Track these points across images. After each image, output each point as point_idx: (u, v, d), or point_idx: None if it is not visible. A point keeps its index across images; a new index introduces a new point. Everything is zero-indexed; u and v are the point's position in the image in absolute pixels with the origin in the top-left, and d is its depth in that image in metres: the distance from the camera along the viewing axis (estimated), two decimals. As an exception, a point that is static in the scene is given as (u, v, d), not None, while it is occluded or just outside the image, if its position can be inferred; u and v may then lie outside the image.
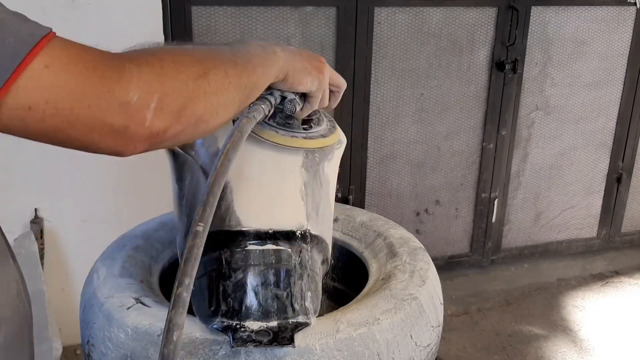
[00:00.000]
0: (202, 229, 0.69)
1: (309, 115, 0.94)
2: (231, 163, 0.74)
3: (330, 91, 0.93)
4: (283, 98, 0.87)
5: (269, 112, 0.84)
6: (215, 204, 0.71)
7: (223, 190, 0.91)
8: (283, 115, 0.90)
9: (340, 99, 0.97)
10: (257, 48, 0.79)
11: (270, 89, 0.83)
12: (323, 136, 0.96)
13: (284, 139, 0.92)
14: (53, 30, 0.59)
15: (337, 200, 1.10)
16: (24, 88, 0.56)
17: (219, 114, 0.71)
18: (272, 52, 0.80)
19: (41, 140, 0.62)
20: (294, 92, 0.87)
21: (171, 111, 0.64)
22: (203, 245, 0.69)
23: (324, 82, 0.89)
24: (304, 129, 0.94)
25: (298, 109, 0.88)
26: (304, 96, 0.89)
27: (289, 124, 0.92)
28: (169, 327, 0.65)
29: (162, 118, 0.63)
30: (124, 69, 0.61)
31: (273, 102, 0.85)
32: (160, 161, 1.09)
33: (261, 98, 0.83)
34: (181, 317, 0.65)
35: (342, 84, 0.95)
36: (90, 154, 0.67)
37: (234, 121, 0.81)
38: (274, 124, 0.92)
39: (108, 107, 0.60)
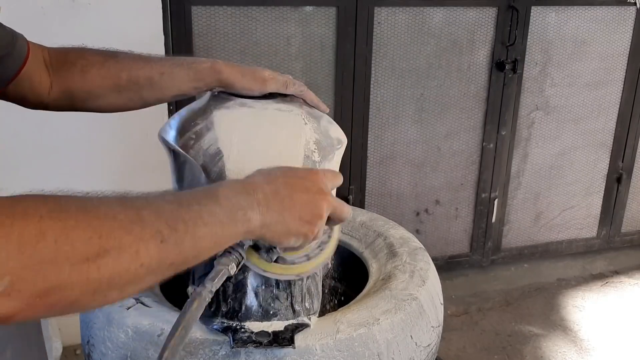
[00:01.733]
0: None
1: None
2: None
3: (331, 219, 0.79)
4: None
5: (240, 263, 0.75)
6: None
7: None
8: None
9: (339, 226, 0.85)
10: (220, 211, 0.65)
11: None
12: (318, 251, 0.86)
13: (268, 266, 0.83)
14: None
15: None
16: None
17: (108, 296, 0.57)
18: (242, 219, 0.67)
19: None
20: None
21: (23, 297, 0.51)
22: None
23: (312, 237, 0.75)
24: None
25: (274, 257, 0.80)
26: None
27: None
28: None
29: (7, 305, 0.50)
30: None
31: (243, 252, 0.75)
32: (160, 161, 1.09)
33: (228, 251, 0.73)
34: None
35: (346, 217, 0.80)
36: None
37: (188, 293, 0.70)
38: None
39: None
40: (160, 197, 0.63)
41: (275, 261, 0.81)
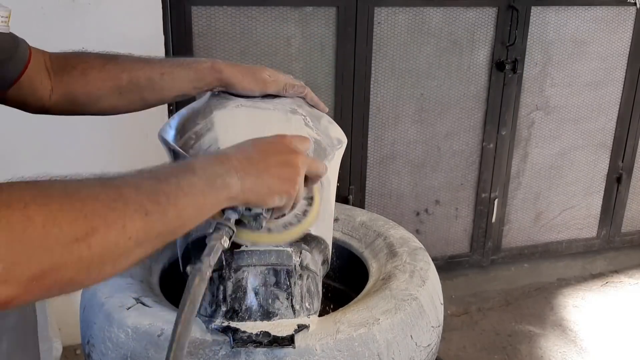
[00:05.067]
0: None
1: None
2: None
3: (309, 177, 0.83)
4: (247, 208, 0.78)
5: (231, 238, 0.77)
6: None
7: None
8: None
9: (317, 182, 0.87)
10: (199, 181, 0.67)
11: None
12: (301, 217, 0.89)
13: (258, 237, 0.86)
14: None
15: (337, 200, 1.09)
16: None
17: (102, 271, 0.59)
18: (222, 186, 0.69)
19: None
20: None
21: (19, 282, 0.52)
22: None
23: (295, 193, 0.78)
24: (276, 217, 0.87)
25: (264, 223, 0.81)
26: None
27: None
28: None
29: (4, 290, 0.52)
30: None
31: (233, 226, 0.76)
32: (160, 161, 1.09)
33: (219, 227, 0.75)
34: None
35: (322, 172, 0.84)
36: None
37: (184, 272, 0.72)
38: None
39: None
40: (138, 174, 0.64)
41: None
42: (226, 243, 0.76)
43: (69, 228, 0.54)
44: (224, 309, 0.88)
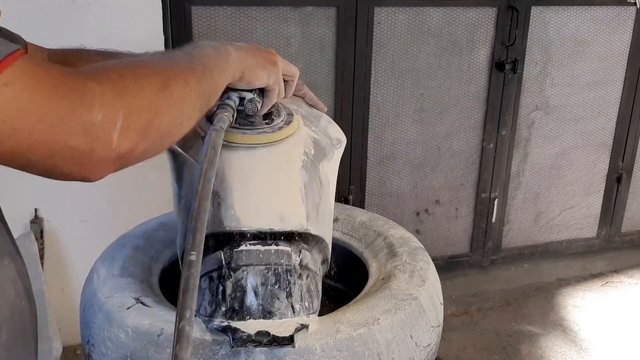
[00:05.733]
0: (196, 258, 0.67)
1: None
2: (211, 183, 0.73)
3: (285, 81, 0.94)
4: (241, 99, 0.87)
5: (233, 117, 0.84)
6: (205, 229, 0.70)
7: (223, 191, 0.91)
8: (244, 114, 0.90)
9: (294, 87, 0.98)
10: (210, 50, 0.78)
11: (226, 90, 0.84)
12: (287, 123, 0.96)
13: (253, 138, 0.92)
14: (23, 46, 0.60)
15: (337, 200, 1.09)
16: None
17: (183, 124, 0.70)
18: (225, 52, 0.80)
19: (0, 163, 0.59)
20: (251, 91, 0.87)
21: (137, 129, 0.62)
22: (199, 274, 0.67)
23: (279, 74, 0.89)
24: (267, 123, 0.94)
25: (259, 107, 0.89)
26: (262, 92, 0.90)
27: (251, 122, 0.93)
28: None
29: (129, 137, 0.61)
30: (86, 88, 0.58)
31: (234, 106, 0.85)
32: (160, 161, 1.09)
33: (222, 106, 0.84)
34: (187, 352, 0.63)
35: (295, 72, 0.96)
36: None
37: (202, 137, 0.80)
38: (238, 125, 0.92)
39: (71, 129, 0.57)
40: (168, 51, 0.80)
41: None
42: (230, 116, 0.83)
43: (153, 80, 0.65)
44: (223, 308, 0.88)
